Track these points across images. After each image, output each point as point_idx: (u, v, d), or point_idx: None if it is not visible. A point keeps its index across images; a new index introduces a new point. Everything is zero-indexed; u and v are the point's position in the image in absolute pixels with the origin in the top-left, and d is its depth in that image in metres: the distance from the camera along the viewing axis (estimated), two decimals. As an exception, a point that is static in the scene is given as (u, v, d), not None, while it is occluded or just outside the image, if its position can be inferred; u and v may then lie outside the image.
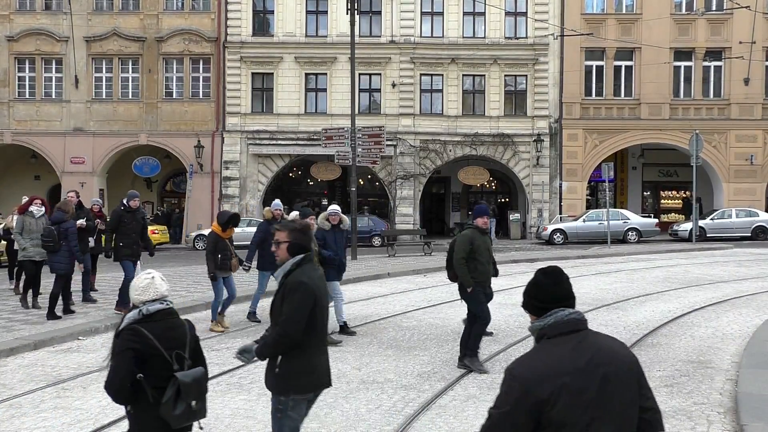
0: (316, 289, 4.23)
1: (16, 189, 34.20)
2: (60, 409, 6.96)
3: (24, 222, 12.16)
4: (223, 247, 10.92)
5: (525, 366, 2.65)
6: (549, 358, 2.63)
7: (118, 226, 11.48)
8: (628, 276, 17.44)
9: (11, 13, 32.86)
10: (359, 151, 22.98)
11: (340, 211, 10.75)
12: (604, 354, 2.65)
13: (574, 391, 2.56)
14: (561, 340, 2.68)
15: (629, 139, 32.25)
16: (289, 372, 4.20)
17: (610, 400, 2.59)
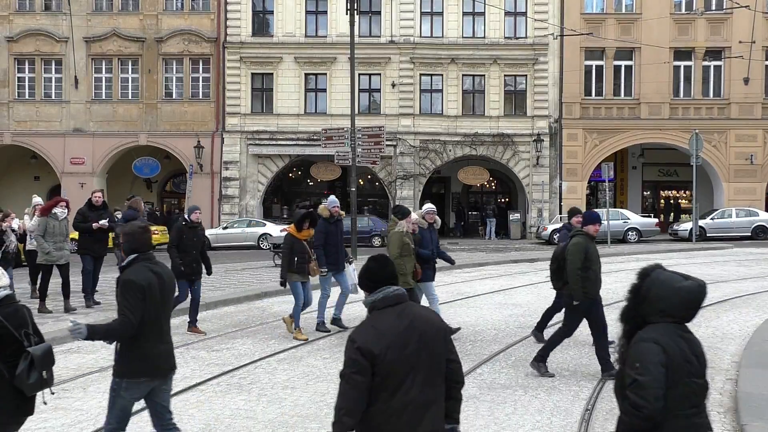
0: (145, 285, 4.71)
1: (16, 189, 34.26)
2: (60, 410, 6.95)
3: (47, 224, 11.66)
4: (300, 250, 10.14)
5: (362, 333, 3.45)
6: (380, 324, 3.44)
7: (179, 242, 10.41)
8: (628, 276, 17.37)
9: (11, 14, 32.86)
10: (359, 151, 22.98)
11: (435, 210, 10.41)
12: (420, 320, 3.49)
13: (397, 347, 3.39)
14: (388, 310, 3.48)
15: (629, 138, 32.25)
16: (123, 358, 4.78)
17: (424, 353, 3.43)
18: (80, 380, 8.08)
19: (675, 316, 3.27)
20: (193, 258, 10.48)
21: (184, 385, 7.78)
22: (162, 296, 4.84)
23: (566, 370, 8.37)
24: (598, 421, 6.52)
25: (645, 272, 3.44)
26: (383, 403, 3.39)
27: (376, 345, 3.36)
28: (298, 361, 8.89)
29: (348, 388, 3.39)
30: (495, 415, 6.70)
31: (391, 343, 3.38)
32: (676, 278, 3.36)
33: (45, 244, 11.60)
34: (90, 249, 12.33)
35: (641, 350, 3.15)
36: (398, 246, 9.35)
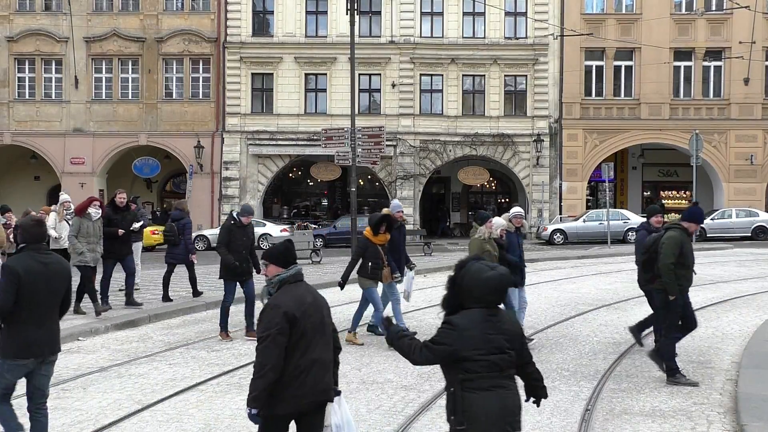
0: (22, 273, 5.10)
1: (16, 189, 34.26)
2: (60, 410, 6.96)
3: (81, 224, 11.29)
4: (375, 255, 9.62)
5: (282, 300, 4.22)
6: (294, 295, 4.25)
7: (228, 242, 10.25)
8: (628, 276, 17.40)
9: (11, 14, 32.84)
10: (359, 151, 22.94)
11: (523, 214, 10.08)
12: (319, 297, 4.40)
13: (309, 315, 4.20)
14: (296, 284, 4.33)
15: (629, 139, 32.24)
16: (4, 340, 5.22)
17: (324, 324, 4.32)
18: (80, 380, 8.08)
19: (485, 302, 3.91)
20: (242, 258, 10.28)
21: (184, 385, 7.79)
22: (47, 285, 5.24)
23: (566, 370, 8.37)
24: (598, 421, 6.52)
25: (460, 265, 4.01)
26: (297, 360, 4.17)
27: (296, 310, 4.17)
28: (298, 361, 8.88)
29: (272, 347, 4.12)
30: (495, 415, 6.69)
31: (305, 310, 4.21)
32: (484, 269, 3.94)
33: (78, 244, 11.23)
34: (114, 252, 12.02)
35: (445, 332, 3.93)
36: (479, 252, 8.75)
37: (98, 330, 10.78)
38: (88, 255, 11.23)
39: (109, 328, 10.95)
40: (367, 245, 9.73)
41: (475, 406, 3.85)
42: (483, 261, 4.02)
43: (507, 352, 3.93)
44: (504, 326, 3.95)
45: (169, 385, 7.76)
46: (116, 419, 6.61)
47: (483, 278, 3.89)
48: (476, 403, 3.85)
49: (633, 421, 6.52)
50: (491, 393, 3.87)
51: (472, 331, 3.86)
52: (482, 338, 3.85)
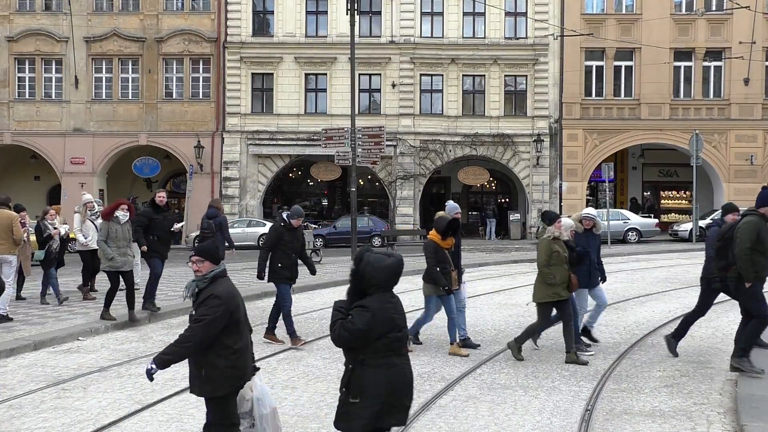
0: None
1: (16, 189, 34.18)
2: (60, 410, 6.96)
3: (109, 228, 10.93)
4: (443, 259, 9.19)
5: (221, 291, 4.84)
6: (227, 287, 4.90)
7: (277, 244, 9.82)
8: (628, 276, 17.45)
9: (11, 14, 32.84)
10: (359, 151, 22.97)
11: (595, 215, 9.81)
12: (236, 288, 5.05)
13: (239, 305, 4.91)
14: (226, 278, 4.98)
15: (629, 139, 32.24)
16: None
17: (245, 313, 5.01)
18: (80, 380, 8.08)
19: (386, 286, 4.42)
20: (292, 261, 9.85)
21: (184, 385, 7.78)
22: None
23: (566, 370, 8.37)
24: (598, 422, 6.52)
25: (359, 257, 4.47)
26: (235, 344, 4.86)
27: (231, 301, 4.85)
28: (298, 362, 8.89)
29: (206, 329, 4.75)
30: (495, 416, 6.70)
31: (238, 301, 4.92)
32: (382, 258, 4.45)
33: (108, 249, 10.83)
34: (159, 251, 11.78)
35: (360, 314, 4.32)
36: (546, 254, 8.65)
37: (98, 330, 10.78)
38: (118, 260, 10.87)
39: (109, 328, 10.96)
40: (437, 250, 9.20)
41: (369, 381, 4.33)
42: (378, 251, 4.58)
43: (402, 330, 4.50)
44: (399, 307, 4.53)
45: (169, 385, 7.75)
46: (116, 419, 6.61)
47: (383, 266, 4.40)
48: (370, 378, 4.33)
49: (633, 421, 6.52)
50: (384, 369, 4.35)
51: (383, 312, 4.36)
52: (389, 319, 4.38)
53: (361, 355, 4.37)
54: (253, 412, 4.94)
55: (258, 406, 4.96)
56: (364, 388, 4.34)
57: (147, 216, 11.70)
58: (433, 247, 9.23)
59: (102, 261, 11.07)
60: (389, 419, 4.42)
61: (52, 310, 12.27)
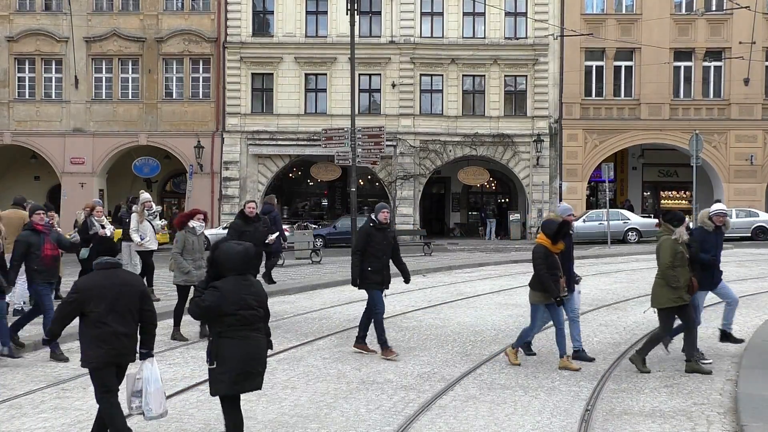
0: None
1: (16, 189, 33.90)
2: (60, 410, 6.97)
3: (186, 240, 10.19)
4: (553, 265, 8.53)
5: (82, 282, 5.73)
6: (91, 278, 5.73)
7: (367, 246, 9.04)
8: (628, 276, 17.45)
9: (11, 14, 32.83)
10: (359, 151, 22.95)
11: (726, 212, 9.15)
12: (121, 277, 5.72)
13: (99, 295, 5.54)
14: (102, 271, 5.70)
15: (629, 139, 32.24)
16: None
17: (121, 299, 5.58)
18: (80, 380, 8.07)
19: (237, 270, 5.32)
20: (383, 264, 9.10)
21: (184, 385, 7.80)
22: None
23: (566, 369, 8.36)
24: (597, 422, 6.52)
25: (214, 247, 5.41)
26: (97, 329, 5.52)
27: (86, 292, 5.58)
28: (298, 362, 8.89)
29: (65, 309, 5.66)
30: (495, 416, 6.70)
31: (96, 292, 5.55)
32: (234, 246, 5.41)
33: (184, 263, 10.09)
34: None
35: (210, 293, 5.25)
36: (671, 255, 8.16)
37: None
38: (194, 274, 10.02)
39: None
40: (547, 255, 8.54)
41: (225, 351, 5.23)
42: (231, 241, 5.57)
43: (255, 309, 5.32)
44: (253, 289, 5.36)
45: (169, 385, 7.75)
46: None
47: (233, 253, 5.32)
48: (226, 348, 5.23)
49: (633, 421, 6.52)
50: (238, 341, 5.24)
51: (231, 292, 5.21)
52: (238, 298, 5.22)
53: (218, 329, 5.26)
54: (142, 391, 5.77)
55: (145, 386, 5.77)
56: (222, 356, 5.25)
57: (237, 230, 10.87)
58: (543, 252, 8.57)
59: (175, 274, 10.34)
60: (246, 385, 5.36)
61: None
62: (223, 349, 5.24)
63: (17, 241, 9.35)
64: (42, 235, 9.43)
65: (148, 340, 5.85)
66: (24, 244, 9.23)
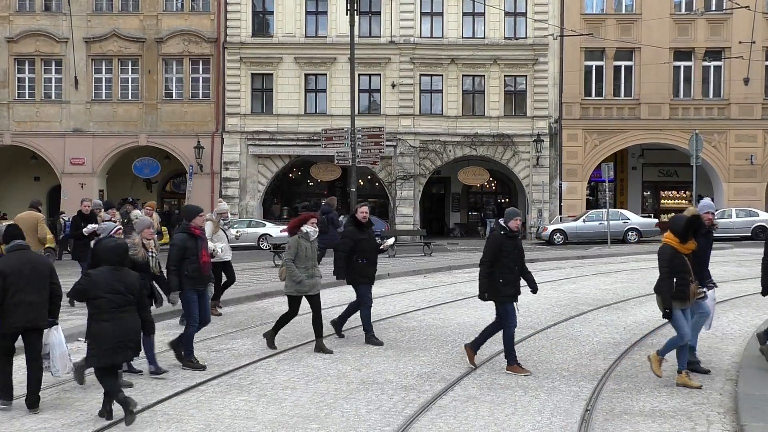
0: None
1: (16, 190, 34.25)
2: (60, 410, 6.97)
3: (299, 246, 9.33)
4: (681, 267, 7.60)
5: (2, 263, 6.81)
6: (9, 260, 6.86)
7: (499, 255, 8.34)
8: (628, 276, 17.44)
9: (11, 14, 32.83)
10: (359, 151, 23.01)
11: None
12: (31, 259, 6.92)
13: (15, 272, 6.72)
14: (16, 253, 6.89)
15: (629, 139, 32.24)
16: None
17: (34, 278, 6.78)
18: (80, 381, 8.07)
19: (109, 262, 6.55)
20: (516, 276, 8.44)
21: (184, 386, 7.79)
22: None
23: (566, 370, 8.37)
24: (598, 422, 6.52)
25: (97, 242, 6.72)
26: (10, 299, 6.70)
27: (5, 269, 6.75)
28: (298, 362, 8.89)
29: None
30: (495, 416, 6.70)
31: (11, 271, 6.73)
32: (109, 242, 6.89)
33: (296, 271, 9.24)
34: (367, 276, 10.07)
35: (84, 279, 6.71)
36: None
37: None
38: (307, 283, 9.28)
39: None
40: (674, 256, 7.59)
41: (98, 330, 6.37)
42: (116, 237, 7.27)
43: (124, 294, 6.43)
44: (124, 279, 6.49)
45: (169, 386, 7.76)
46: (116, 419, 6.61)
47: (108, 248, 6.62)
48: (99, 327, 6.36)
49: (633, 421, 6.52)
50: (109, 322, 6.33)
51: (101, 279, 6.42)
52: (107, 284, 6.39)
53: (92, 310, 6.45)
54: (49, 353, 6.95)
55: (51, 350, 6.95)
56: (93, 334, 6.40)
57: (352, 237, 9.85)
58: (669, 252, 7.60)
59: (287, 284, 9.47)
60: (117, 357, 6.42)
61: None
62: (94, 327, 6.40)
63: (172, 244, 8.70)
64: (199, 240, 8.68)
65: (54, 311, 6.99)
66: (180, 249, 8.50)
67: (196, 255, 8.57)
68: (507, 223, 8.31)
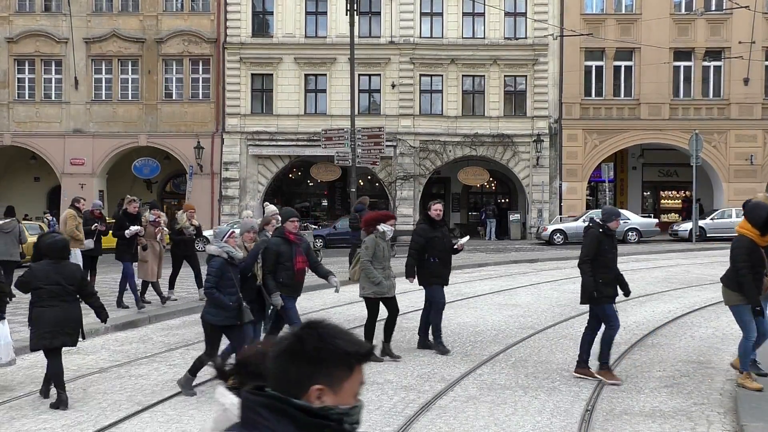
0: None
1: (16, 190, 34.27)
2: (60, 411, 6.97)
3: (376, 246, 8.86)
4: (759, 260, 6.93)
5: None
6: None
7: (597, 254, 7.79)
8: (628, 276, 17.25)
9: (11, 15, 32.83)
10: (359, 151, 22.98)
11: None
12: None
13: None
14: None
15: (629, 139, 32.24)
16: None
17: None
18: (80, 381, 8.08)
19: (49, 256, 7.10)
20: (614, 276, 7.93)
21: (184, 386, 7.78)
22: None
23: (566, 370, 8.36)
24: (598, 422, 6.52)
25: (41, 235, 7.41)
26: None
27: None
28: (298, 362, 8.86)
29: None
30: (495, 416, 6.71)
31: None
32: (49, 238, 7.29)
33: (374, 272, 8.78)
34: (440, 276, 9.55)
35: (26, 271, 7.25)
36: None
37: (98, 331, 10.77)
38: (385, 284, 8.83)
39: (109, 329, 10.95)
40: (752, 249, 6.91)
41: (37, 314, 7.01)
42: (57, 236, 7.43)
43: (63, 285, 6.99)
44: (62, 271, 7.07)
45: (169, 386, 7.76)
46: (116, 420, 6.61)
47: (47, 244, 7.18)
48: (39, 314, 6.99)
49: (633, 421, 6.52)
50: (49, 308, 6.94)
51: (42, 272, 7.04)
52: (47, 276, 6.99)
53: (33, 299, 7.07)
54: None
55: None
56: (33, 320, 7.06)
57: (424, 236, 9.24)
58: (746, 245, 6.90)
59: (362, 285, 8.98)
60: (56, 341, 6.95)
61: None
62: (34, 312, 7.04)
63: (266, 248, 8.24)
64: (294, 245, 8.26)
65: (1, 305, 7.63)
66: (274, 253, 8.12)
67: (291, 261, 8.16)
68: (606, 221, 7.81)
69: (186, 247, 13.58)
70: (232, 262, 7.60)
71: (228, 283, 7.50)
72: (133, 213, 12.95)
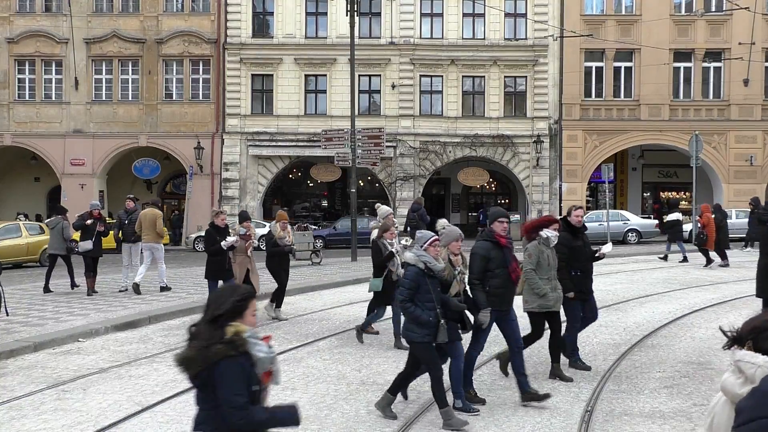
0: None
1: (16, 191, 34.29)
2: (60, 411, 6.97)
3: (540, 253, 7.82)
4: None
5: None
6: None
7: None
8: (628, 277, 17.45)
9: (11, 15, 32.84)
10: (359, 152, 23.00)
11: None
12: None
13: None
14: None
15: (629, 140, 32.25)
16: None
17: None
18: (80, 381, 8.08)
19: None
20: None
21: (184, 387, 7.77)
22: None
23: (566, 371, 8.36)
24: (597, 423, 6.53)
25: None
26: None
27: None
28: (297, 363, 8.89)
29: None
30: (495, 416, 6.71)
31: None
32: None
33: (540, 283, 7.77)
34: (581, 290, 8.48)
35: None
36: None
37: (98, 331, 10.78)
38: (551, 296, 7.82)
39: (109, 330, 10.96)
40: None
41: None
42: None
43: None
44: None
45: (169, 387, 7.76)
46: (116, 420, 6.61)
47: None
48: None
49: (633, 422, 6.53)
50: None
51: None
52: None
53: None
54: None
55: None
56: None
57: (567, 245, 8.24)
58: None
59: (527, 299, 7.94)
60: None
61: (52, 311, 12.28)
62: None
63: (473, 254, 7.26)
64: (506, 249, 7.26)
65: None
66: (483, 258, 7.18)
67: (503, 268, 7.18)
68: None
69: (281, 260, 12.21)
70: (430, 273, 6.52)
71: (425, 297, 6.44)
72: (221, 226, 11.73)
